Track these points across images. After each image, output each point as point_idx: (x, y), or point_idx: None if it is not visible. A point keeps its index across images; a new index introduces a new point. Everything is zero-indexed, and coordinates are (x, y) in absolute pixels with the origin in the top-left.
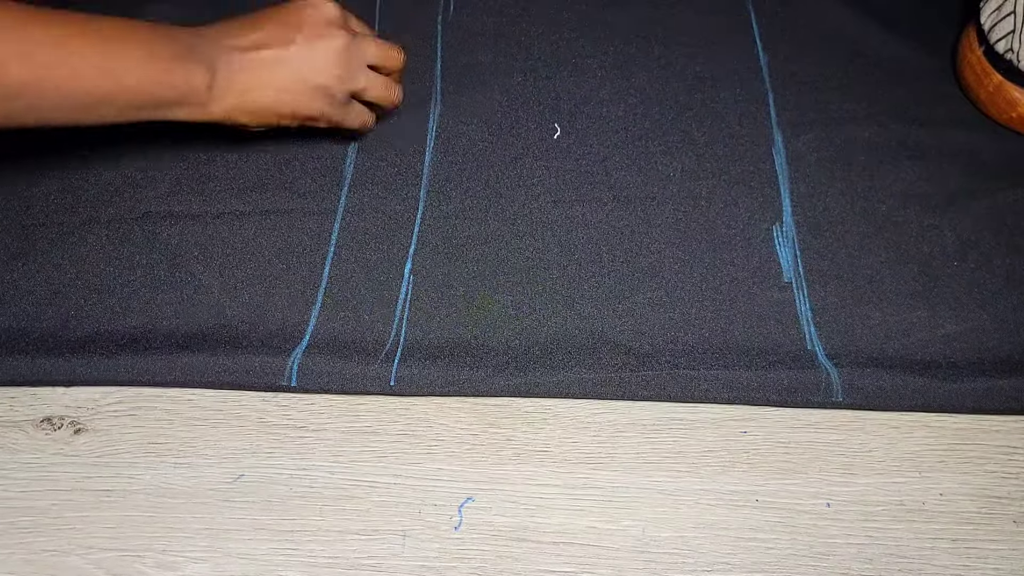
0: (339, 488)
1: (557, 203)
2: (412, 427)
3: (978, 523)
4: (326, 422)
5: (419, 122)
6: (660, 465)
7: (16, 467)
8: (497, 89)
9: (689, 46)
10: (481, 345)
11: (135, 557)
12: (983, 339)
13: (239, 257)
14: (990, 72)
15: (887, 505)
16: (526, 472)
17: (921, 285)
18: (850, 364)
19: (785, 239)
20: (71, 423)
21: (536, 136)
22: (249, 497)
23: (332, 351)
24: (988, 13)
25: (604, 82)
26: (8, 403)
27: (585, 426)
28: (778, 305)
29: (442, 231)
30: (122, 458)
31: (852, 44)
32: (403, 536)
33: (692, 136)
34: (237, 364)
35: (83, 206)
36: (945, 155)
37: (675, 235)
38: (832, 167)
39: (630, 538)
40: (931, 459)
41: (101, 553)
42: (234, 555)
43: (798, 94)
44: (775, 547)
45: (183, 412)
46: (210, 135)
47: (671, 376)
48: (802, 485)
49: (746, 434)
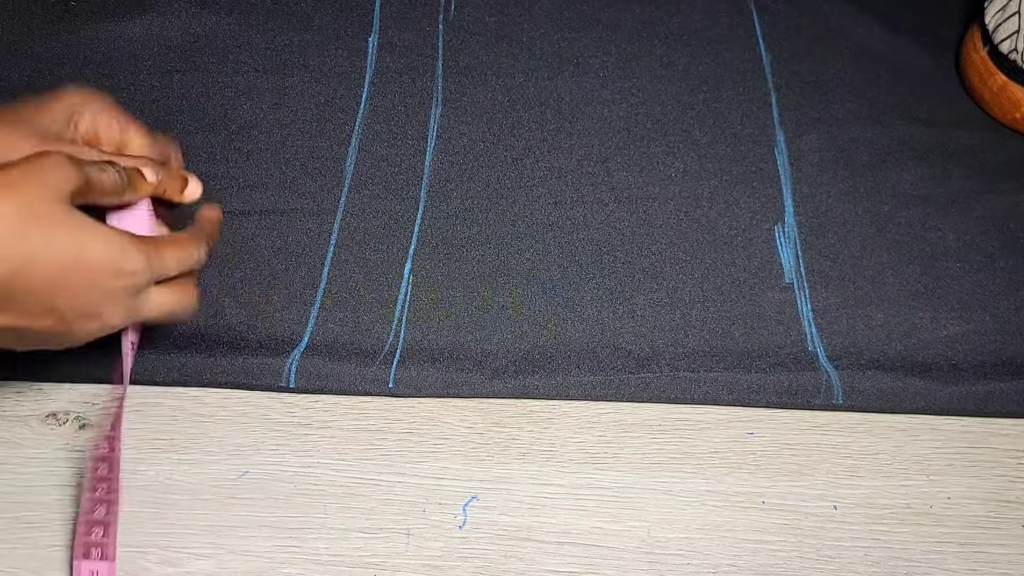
0: (343, 486)
1: (558, 204)
2: (417, 425)
3: (986, 527)
4: (331, 420)
5: (420, 122)
6: (666, 466)
7: (21, 461)
8: (498, 89)
9: (691, 45)
10: (481, 347)
11: (139, 553)
12: (986, 341)
13: (238, 257)
14: (994, 72)
15: (894, 508)
16: (531, 471)
17: (923, 286)
18: (851, 366)
19: (787, 239)
20: (76, 418)
21: (537, 137)
22: (253, 494)
23: (331, 352)
24: (992, 13)
25: (606, 82)
26: (14, 398)
27: (591, 426)
28: (779, 306)
29: (442, 231)
30: (126, 453)
31: (855, 43)
32: (407, 534)
33: (694, 136)
34: (235, 364)
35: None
36: (948, 155)
37: (676, 236)
38: (834, 167)
39: (635, 539)
40: (939, 462)
41: None
42: (238, 552)
43: (800, 94)
44: (781, 549)
45: (188, 408)
46: (210, 133)
47: (671, 378)
48: (809, 487)
49: (753, 435)
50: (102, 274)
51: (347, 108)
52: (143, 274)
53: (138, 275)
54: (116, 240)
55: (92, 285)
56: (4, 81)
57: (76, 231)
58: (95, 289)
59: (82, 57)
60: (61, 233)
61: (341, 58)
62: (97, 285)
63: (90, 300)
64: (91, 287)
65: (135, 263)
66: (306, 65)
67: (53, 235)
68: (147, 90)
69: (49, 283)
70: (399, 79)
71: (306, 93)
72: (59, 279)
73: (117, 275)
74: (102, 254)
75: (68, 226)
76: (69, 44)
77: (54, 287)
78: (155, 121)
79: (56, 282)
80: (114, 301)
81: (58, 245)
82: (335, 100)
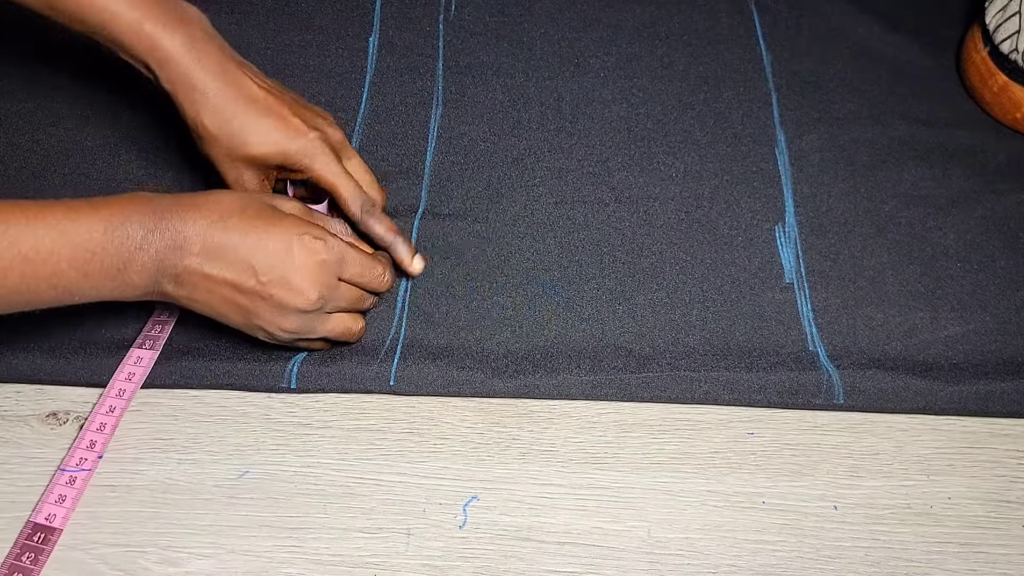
0: (344, 486)
1: (558, 204)
2: (417, 425)
3: (986, 527)
4: (331, 419)
5: (420, 122)
6: (666, 466)
7: (21, 461)
8: (499, 89)
9: (692, 46)
10: (481, 346)
11: (139, 553)
12: (986, 341)
13: None
14: (995, 72)
15: (894, 508)
16: (531, 471)
17: (924, 286)
18: (852, 366)
19: (787, 239)
20: (76, 418)
21: (538, 136)
22: (253, 494)
23: (332, 351)
24: (993, 13)
25: (606, 82)
26: (14, 397)
27: (591, 426)
28: (780, 306)
29: (442, 231)
30: (127, 453)
31: (856, 44)
32: (407, 534)
33: (694, 136)
34: (237, 366)
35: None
36: (949, 155)
37: (676, 236)
38: (835, 167)
39: (635, 539)
40: (939, 462)
41: (105, 548)
42: (238, 551)
43: (801, 94)
44: (781, 549)
45: (188, 408)
46: None
47: (672, 378)
48: (809, 487)
49: (753, 435)
50: (295, 245)
51: (348, 108)
52: (335, 263)
53: (330, 264)
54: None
55: (286, 251)
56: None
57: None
58: (289, 257)
59: (82, 58)
60: (263, 209)
61: (342, 58)
62: (290, 252)
63: (284, 267)
64: (285, 254)
65: (322, 252)
66: (306, 65)
67: (262, 214)
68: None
69: (248, 238)
70: (399, 79)
71: (306, 93)
72: (257, 237)
73: (310, 252)
74: (293, 227)
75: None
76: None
77: (254, 245)
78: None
79: (254, 240)
80: (308, 276)
81: (256, 211)
82: (335, 100)
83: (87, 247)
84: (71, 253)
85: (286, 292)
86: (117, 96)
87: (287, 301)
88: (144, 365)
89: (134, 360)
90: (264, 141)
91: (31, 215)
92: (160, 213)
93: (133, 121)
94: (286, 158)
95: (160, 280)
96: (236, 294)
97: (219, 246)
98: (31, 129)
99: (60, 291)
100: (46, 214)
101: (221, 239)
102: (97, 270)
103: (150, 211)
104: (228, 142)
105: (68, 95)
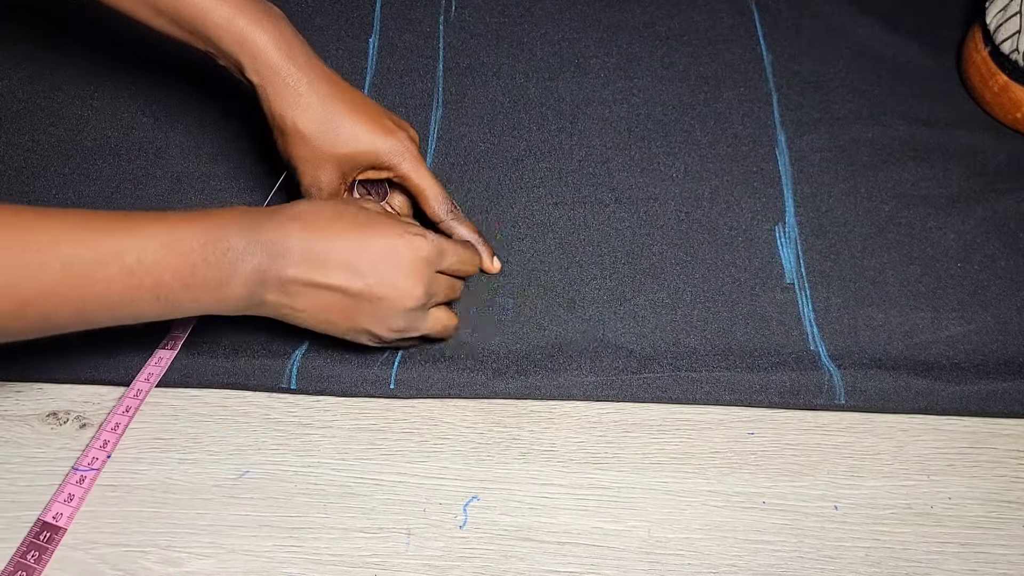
0: (344, 485)
1: (558, 204)
2: (418, 425)
3: (987, 527)
4: (331, 419)
5: (420, 123)
6: (667, 466)
7: (22, 461)
8: (499, 90)
9: (692, 46)
10: (481, 347)
11: (139, 553)
12: (987, 341)
13: None
14: (995, 72)
15: (895, 508)
16: (531, 471)
17: (924, 286)
18: (853, 366)
19: (788, 240)
20: (76, 418)
21: (538, 137)
22: (254, 493)
23: (332, 353)
24: (994, 13)
25: (607, 83)
26: (14, 397)
27: (592, 426)
28: (780, 306)
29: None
30: (127, 453)
31: (856, 44)
32: (407, 534)
33: (695, 136)
34: (237, 366)
35: (85, 202)
36: (949, 156)
37: (677, 236)
38: (835, 167)
39: (636, 539)
40: (940, 462)
41: (105, 548)
42: (238, 551)
43: (801, 94)
44: (782, 549)
45: (188, 408)
46: (214, 133)
47: (673, 378)
48: (809, 487)
49: (753, 435)
50: (399, 244)
51: None
52: (436, 257)
53: (432, 258)
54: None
55: (391, 251)
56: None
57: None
58: (394, 256)
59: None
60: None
61: (341, 59)
62: (395, 252)
63: (389, 267)
64: (390, 254)
65: (425, 248)
66: None
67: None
68: (148, 89)
69: (350, 243)
70: (400, 80)
71: None
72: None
73: (414, 249)
74: (393, 228)
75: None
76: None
77: (357, 249)
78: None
79: (357, 244)
80: (413, 273)
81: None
82: None
83: (189, 259)
84: (175, 265)
85: (393, 291)
86: (117, 96)
87: (395, 300)
88: (162, 366)
89: (155, 361)
90: (358, 140)
91: (131, 226)
92: (259, 225)
93: (133, 122)
94: (377, 157)
95: (261, 292)
96: (343, 299)
97: (323, 253)
98: (31, 129)
99: (163, 303)
100: (146, 226)
101: (324, 246)
102: (200, 283)
103: (248, 224)
104: (319, 140)
105: (68, 95)
